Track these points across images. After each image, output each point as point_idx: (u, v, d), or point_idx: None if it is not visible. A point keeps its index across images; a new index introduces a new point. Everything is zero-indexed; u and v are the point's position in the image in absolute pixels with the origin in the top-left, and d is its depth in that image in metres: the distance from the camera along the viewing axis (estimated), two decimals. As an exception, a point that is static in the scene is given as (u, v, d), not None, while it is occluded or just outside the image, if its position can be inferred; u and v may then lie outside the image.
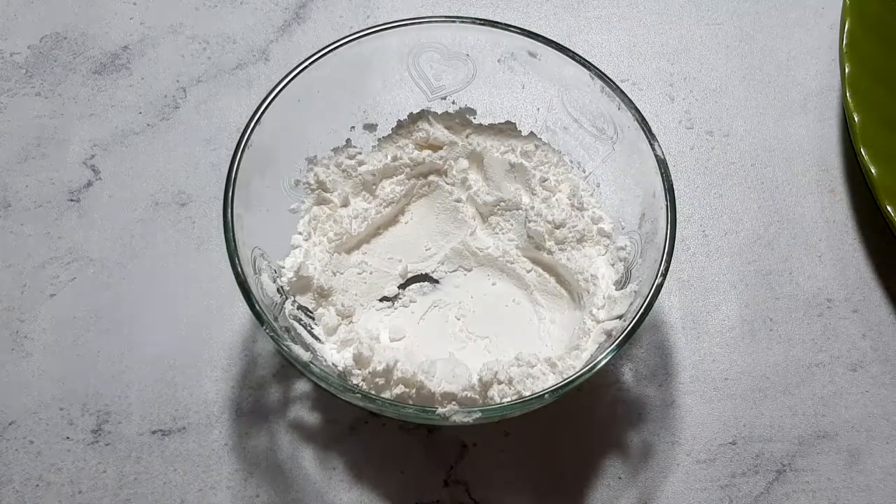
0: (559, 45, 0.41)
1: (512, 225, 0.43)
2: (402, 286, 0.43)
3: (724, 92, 0.51)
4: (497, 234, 0.43)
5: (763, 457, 0.42)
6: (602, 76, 0.40)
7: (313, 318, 0.41)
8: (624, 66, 0.52)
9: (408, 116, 0.44)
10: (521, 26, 0.41)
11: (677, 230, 0.37)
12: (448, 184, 0.44)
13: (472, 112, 0.44)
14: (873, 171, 0.44)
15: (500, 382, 0.38)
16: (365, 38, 0.41)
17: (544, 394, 0.35)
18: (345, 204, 0.43)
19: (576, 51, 0.41)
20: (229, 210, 0.37)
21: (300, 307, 0.40)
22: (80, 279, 0.45)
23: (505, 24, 0.41)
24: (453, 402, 0.36)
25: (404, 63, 0.43)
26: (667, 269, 0.36)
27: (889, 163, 0.45)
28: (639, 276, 0.39)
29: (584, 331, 0.39)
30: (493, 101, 0.44)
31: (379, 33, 0.41)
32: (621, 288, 0.40)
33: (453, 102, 0.44)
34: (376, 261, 0.43)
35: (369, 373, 0.37)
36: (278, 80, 0.40)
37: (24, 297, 0.45)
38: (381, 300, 0.43)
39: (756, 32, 0.53)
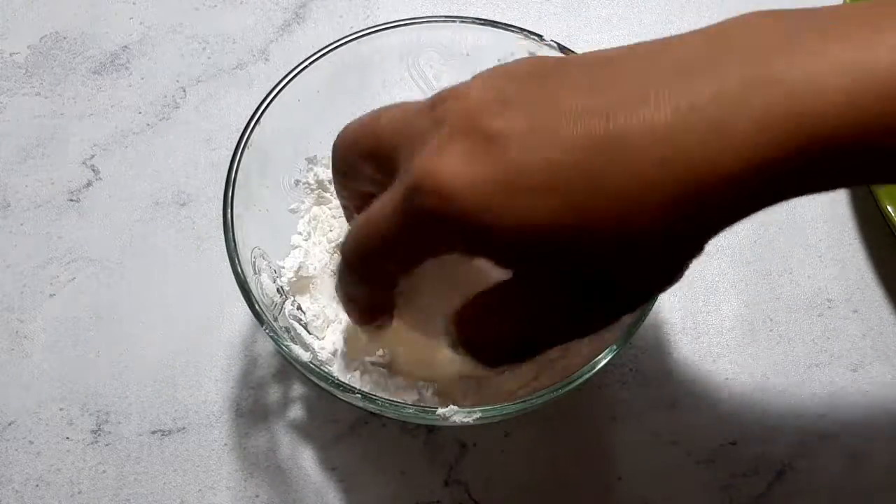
0: (560, 44, 0.41)
1: None
2: None
3: (724, 92, 0.51)
4: None
5: (763, 457, 0.42)
6: (602, 76, 0.40)
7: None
8: (624, 66, 0.52)
9: (408, 116, 0.44)
10: (521, 26, 0.41)
11: (677, 230, 0.37)
12: None
13: (472, 112, 0.44)
14: (873, 171, 0.44)
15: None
16: (365, 38, 0.41)
17: (544, 394, 0.35)
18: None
19: (576, 51, 0.41)
20: (229, 210, 0.37)
21: (300, 307, 0.40)
22: (80, 279, 0.45)
23: (505, 24, 0.41)
24: (452, 402, 0.36)
25: (404, 63, 0.43)
26: (667, 269, 0.36)
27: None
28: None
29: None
30: (493, 101, 0.44)
31: (379, 33, 0.41)
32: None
33: (453, 102, 0.44)
34: None
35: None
36: (278, 80, 0.40)
37: (24, 297, 0.45)
38: None
39: (756, 32, 0.53)
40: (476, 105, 0.27)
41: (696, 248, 0.27)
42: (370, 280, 0.32)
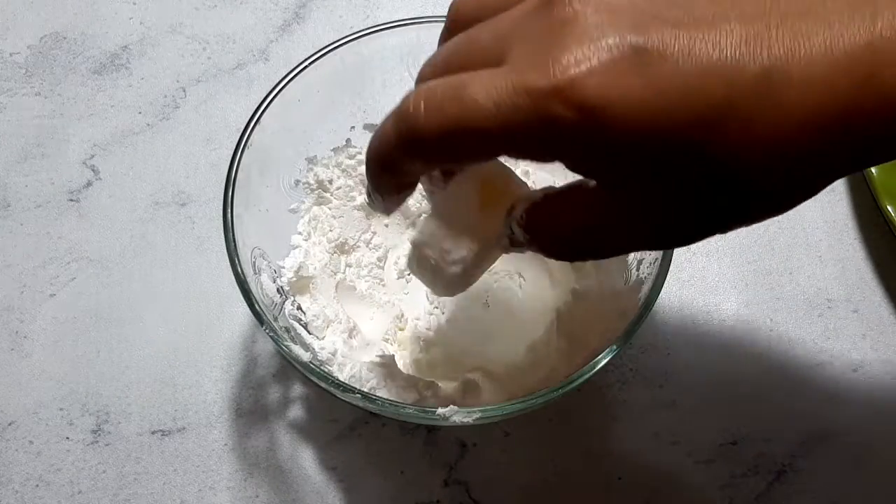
0: (559, 45, 0.41)
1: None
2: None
3: (724, 92, 0.51)
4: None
5: (763, 457, 0.42)
6: (602, 76, 0.40)
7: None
8: (624, 66, 0.52)
9: (408, 116, 0.44)
10: (521, 26, 0.41)
11: (677, 230, 0.37)
12: None
13: (472, 112, 0.44)
14: (873, 171, 0.45)
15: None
16: (365, 38, 0.41)
17: (544, 394, 0.35)
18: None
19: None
20: (229, 210, 0.37)
21: (300, 307, 0.40)
22: (80, 279, 0.45)
23: (505, 24, 0.41)
24: (452, 403, 0.36)
25: (404, 63, 0.43)
26: (667, 269, 0.36)
27: (889, 163, 0.45)
28: (639, 276, 0.39)
29: (588, 329, 0.39)
30: (493, 101, 0.44)
31: (379, 33, 0.41)
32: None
33: (453, 102, 0.44)
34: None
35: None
36: (278, 80, 0.39)
37: (24, 297, 0.45)
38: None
39: (756, 32, 0.53)
40: (613, 12, 0.24)
41: (815, 192, 0.26)
42: (436, 158, 0.27)
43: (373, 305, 0.42)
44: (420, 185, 0.34)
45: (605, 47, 0.24)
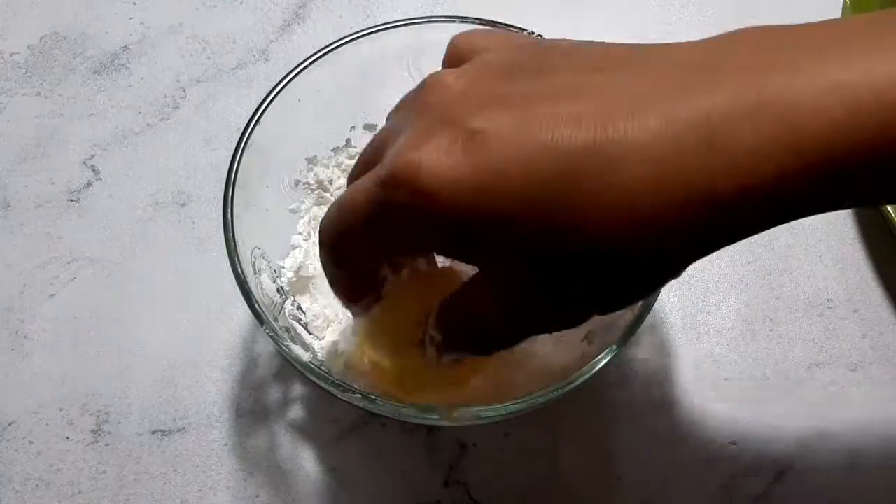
0: (559, 45, 0.41)
1: None
2: None
3: (724, 92, 0.51)
4: None
5: (763, 457, 0.42)
6: (602, 76, 0.40)
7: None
8: (624, 66, 0.52)
9: (408, 116, 0.44)
10: (521, 26, 0.41)
11: (677, 230, 0.37)
12: None
13: (472, 112, 0.44)
14: (873, 171, 0.44)
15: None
16: (365, 38, 0.41)
17: (544, 394, 0.35)
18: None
19: (576, 51, 0.41)
20: (229, 210, 0.37)
21: (300, 307, 0.40)
22: (80, 279, 0.45)
23: (505, 24, 0.41)
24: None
25: (404, 63, 0.43)
26: (667, 269, 0.36)
27: (889, 163, 0.45)
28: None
29: (587, 329, 0.39)
30: (493, 101, 0.44)
31: (379, 33, 0.41)
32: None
33: (453, 102, 0.44)
34: None
35: None
36: (278, 80, 0.40)
37: (24, 297, 0.45)
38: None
39: (756, 32, 0.53)
40: (460, 98, 0.26)
41: (674, 270, 0.25)
42: (343, 263, 0.31)
43: (373, 305, 0.42)
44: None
45: (444, 133, 0.25)
